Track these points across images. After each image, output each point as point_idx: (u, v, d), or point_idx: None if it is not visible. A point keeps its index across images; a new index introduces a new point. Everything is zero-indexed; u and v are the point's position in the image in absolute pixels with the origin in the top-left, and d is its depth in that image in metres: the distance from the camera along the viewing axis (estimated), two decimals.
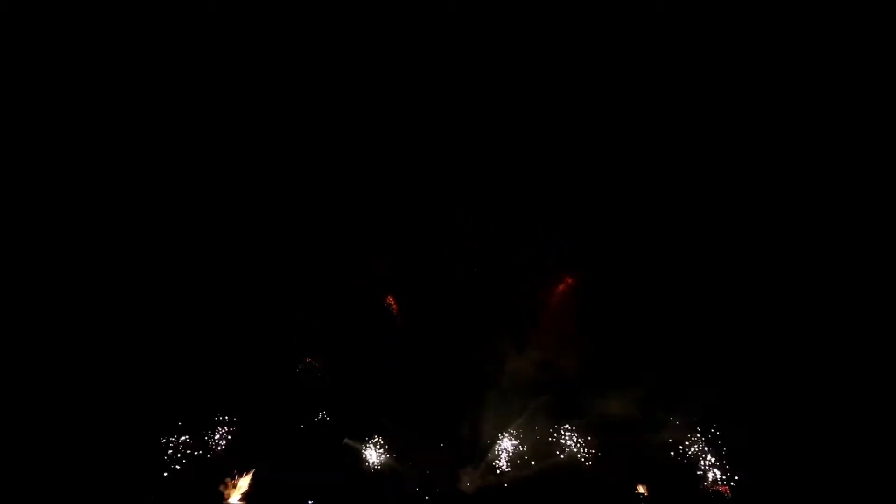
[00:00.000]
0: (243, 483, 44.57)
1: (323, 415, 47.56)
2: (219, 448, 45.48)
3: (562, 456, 45.87)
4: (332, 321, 49.54)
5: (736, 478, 43.29)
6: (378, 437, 47.08)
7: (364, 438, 47.07)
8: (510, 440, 46.58)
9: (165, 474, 43.65)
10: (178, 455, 44.36)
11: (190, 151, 48.67)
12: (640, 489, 44.11)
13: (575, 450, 45.81)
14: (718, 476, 43.60)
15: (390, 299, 51.22)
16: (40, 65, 46.28)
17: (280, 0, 46.97)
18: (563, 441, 46.17)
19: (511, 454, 46.34)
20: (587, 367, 46.25)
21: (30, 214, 46.33)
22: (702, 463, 44.25)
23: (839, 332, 41.68)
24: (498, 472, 45.97)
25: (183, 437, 44.83)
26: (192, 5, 46.60)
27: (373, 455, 46.73)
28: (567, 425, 46.44)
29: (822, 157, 45.08)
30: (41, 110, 46.81)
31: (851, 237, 43.85)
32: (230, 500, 43.96)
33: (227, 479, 44.60)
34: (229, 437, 45.91)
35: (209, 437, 45.68)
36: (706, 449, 44.32)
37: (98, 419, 42.72)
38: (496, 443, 46.74)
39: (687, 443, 44.80)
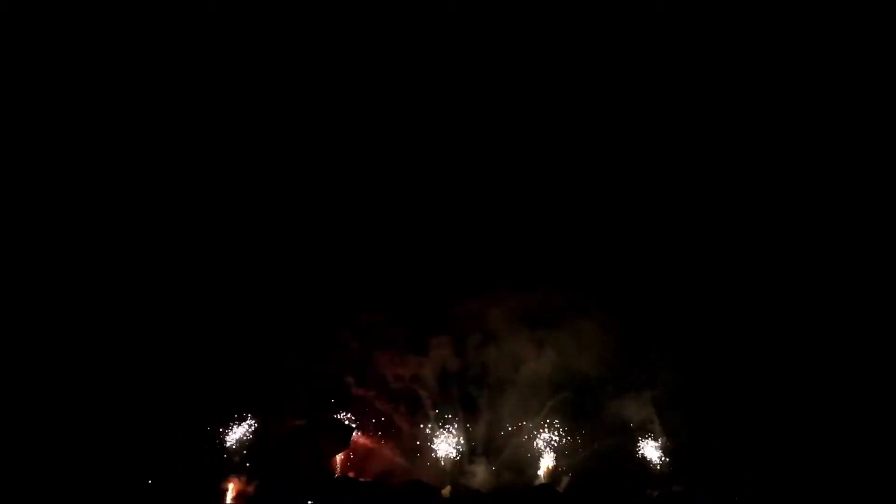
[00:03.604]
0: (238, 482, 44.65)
1: (332, 413, 47.66)
2: (224, 447, 45.60)
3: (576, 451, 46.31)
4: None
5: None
6: (388, 433, 47.34)
7: (374, 435, 47.31)
8: (525, 437, 46.79)
9: (167, 473, 43.80)
10: (180, 454, 44.44)
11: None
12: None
13: (586, 448, 46.28)
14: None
15: None
16: (40, 65, 46.01)
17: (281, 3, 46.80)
18: (574, 439, 46.55)
19: (525, 451, 46.60)
20: (605, 369, 46.74)
21: (31, 216, 46.26)
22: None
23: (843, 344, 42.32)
24: (511, 468, 46.28)
25: (184, 437, 44.92)
26: (192, 5, 46.35)
27: (384, 451, 47.03)
28: (580, 424, 46.79)
29: (822, 159, 45.31)
30: (41, 110, 46.59)
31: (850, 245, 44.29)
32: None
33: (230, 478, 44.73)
34: (235, 436, 46.00)
35: (213, 437, 45.80)
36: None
37: (99, 419, 42.95)
38: (511, 439, 47.02)
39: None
